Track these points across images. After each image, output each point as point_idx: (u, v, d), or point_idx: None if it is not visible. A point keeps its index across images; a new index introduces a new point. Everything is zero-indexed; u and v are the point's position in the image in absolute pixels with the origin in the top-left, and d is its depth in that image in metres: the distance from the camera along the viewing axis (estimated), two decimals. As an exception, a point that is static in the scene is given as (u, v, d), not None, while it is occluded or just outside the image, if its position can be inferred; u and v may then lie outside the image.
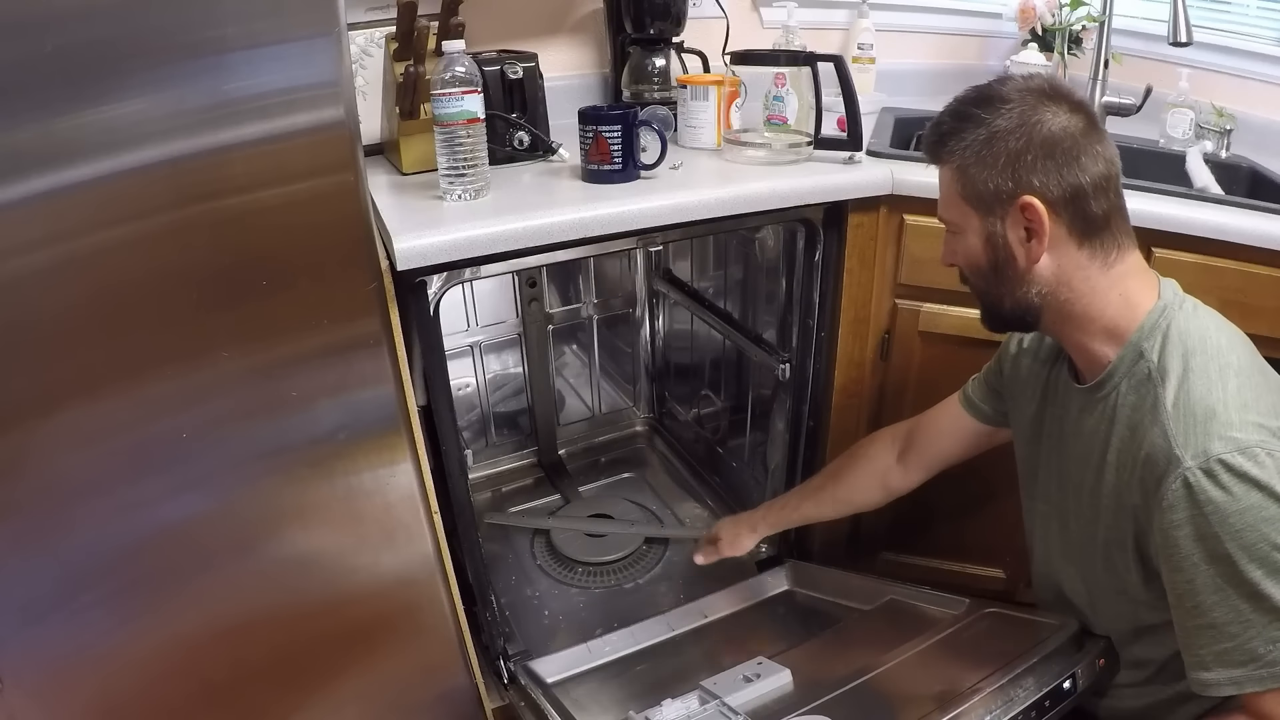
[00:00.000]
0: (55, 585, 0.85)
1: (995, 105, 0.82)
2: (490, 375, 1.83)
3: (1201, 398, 0.77)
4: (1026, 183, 0.81)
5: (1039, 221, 0.81)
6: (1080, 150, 0.80)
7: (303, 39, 0.81)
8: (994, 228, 0.85)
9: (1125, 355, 0.84)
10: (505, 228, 1.03)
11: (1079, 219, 0.82)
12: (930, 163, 0.90)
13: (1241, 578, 0.74)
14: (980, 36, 1.93)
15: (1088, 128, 0.81)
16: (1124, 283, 0.84)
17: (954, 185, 0.87)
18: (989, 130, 0.82)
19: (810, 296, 1.34)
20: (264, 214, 0.85)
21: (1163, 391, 0.79)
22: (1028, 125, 0.81)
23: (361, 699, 1.13)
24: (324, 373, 0.94)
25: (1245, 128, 1.51)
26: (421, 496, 1.07)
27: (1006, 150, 0.81)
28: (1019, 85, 0.83)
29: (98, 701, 0.91)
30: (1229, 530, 0.74)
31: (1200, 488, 0.74)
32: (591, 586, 1.54)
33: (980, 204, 0.85)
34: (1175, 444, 0.77)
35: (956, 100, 0.88)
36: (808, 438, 1.45)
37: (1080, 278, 0.84)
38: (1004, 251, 0.85)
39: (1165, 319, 0.83)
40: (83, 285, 0.78)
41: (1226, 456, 0.74)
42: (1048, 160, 0.80)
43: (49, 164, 0.73)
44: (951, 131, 0.85)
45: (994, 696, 0.88)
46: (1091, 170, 0.80)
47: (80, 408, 0.81)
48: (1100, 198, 0.81)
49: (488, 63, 1.26)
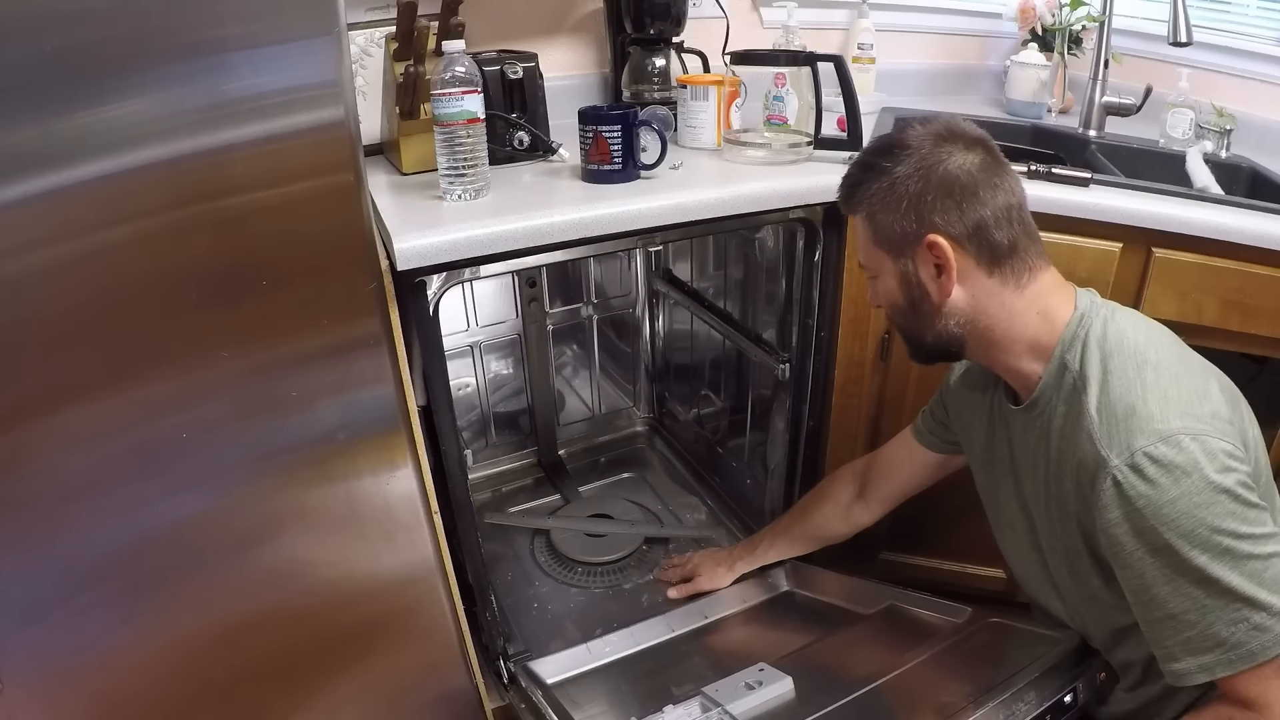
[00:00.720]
0: (55, 585, 0.85)
1: (895, 153, 0.87)
2: (490, 375, 1.82)
3: (1121, 396, 0.80)
4: (929, 222, 0.85)
5: (945, 257, 0.86)
6: (978, 185, 0.85)
7: (303, 39, 0.81)
8: (906, 268, 0.89)
9: (1052, 369, 0.87)
10: (505, 228, 1.03)
11: (985, 249, 0.86)
12: (845, 213, 0.96)
13: (1187, 565, 0.75)
14: (980, 36, 1.93)
15: (985, 163, 0.86)
16: (1040, 301, 0.88)
17: (866, 232, 0.92)
18: (890, 178, 0.87)
19: (810, 296, 1.34)
20: (264, 214, 0.85)
21: (1086, 398, 0.82)
22: (925, 168, 0.85)
23: (361, 699, 1.13)
24: (324, 373, 0.94)
25: (1245, 128, 1.51)
26: (421, 496, 1.07)
27: (908, 194, 0.86)
28: (917, 132, 0.88)
29: (98, 701, 0.91)
30: (1164, 521, 0.75)
31: (1129, 484, 0.76)
32: (591, 586, 1.54)
33: (891, 247, 0.89)
34: (1101, 445, 0.79)
35: (863, 152, 0.94)
36: (808, 438, 1.45)
37: (995, 304, 0.88)
38: (918, 289, 0.89)
39: (1083, 327, 0.86)
40: (83, 285, 0.78)
41: (1150, 449, 0.75)
42: (947, 199, 0.85)
43: (49, 164, 0.73)
44: (858, 182, 0.91)
45: (997, 710, 0.88)
46: (992, 203, 0.85)
47: (80, 407, 0.81)
48: (1004, 227, 0.85)
49: (488, 63, 1.26)
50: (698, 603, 1.42)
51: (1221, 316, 1.18)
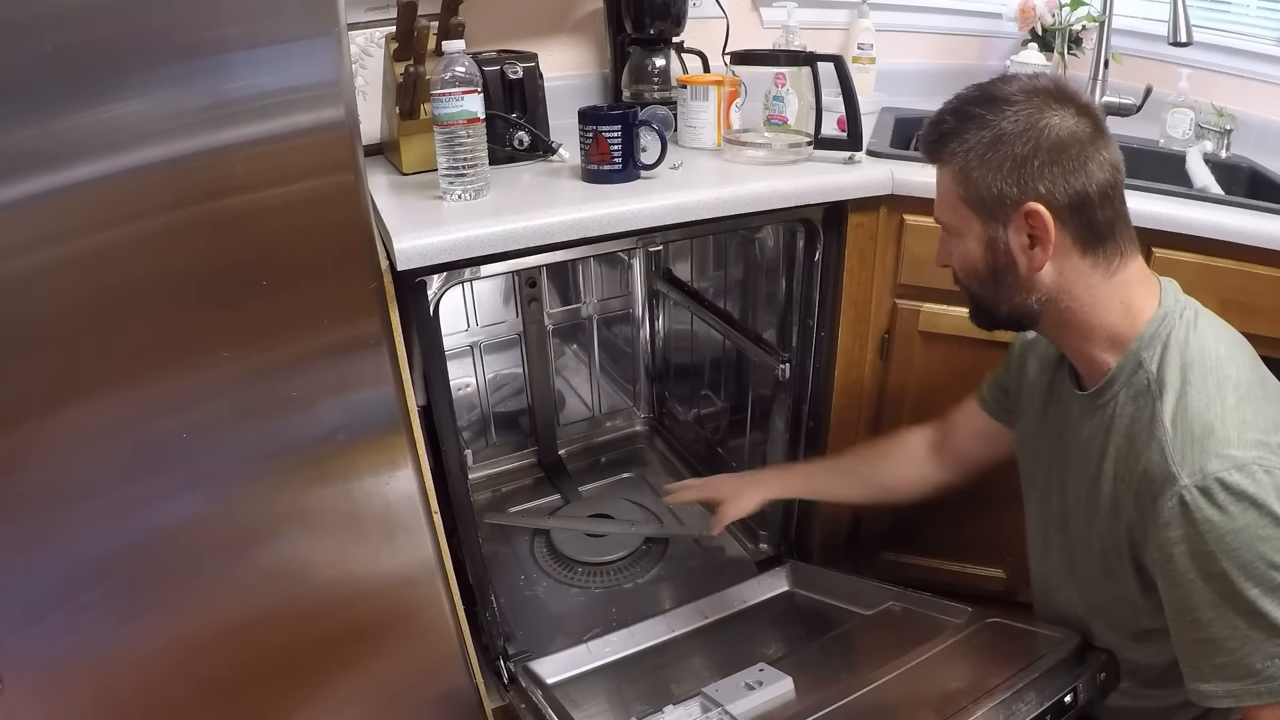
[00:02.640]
0: (56, 585, 0.85)
1: (1000, 106, 0.80)
2: (490, 375, 1.83)
3: (1199, 413, 0.76)
4: (1032, 189, 0.79)
5: (1044, 229, 0.79)
6: (1087, 156, 0.78)
7: (303, 39, 0.81)
8: (995, 233, 0.83)
9: (1125, 364, 0.83)
10: (505, 228, 1.03)
11: (1084, 227, 0.80)
12: (928, 162, 0.88)
13: (1238, 595, 0.74)
14: (980, 36, 1.93)
15: (1094, 132, 0.79)
16: (1126, 290, 0.83)
17: (954, 188, 0.84)
18: (994, 132, 0.79)
19: (810, 296, 1.34)
20: (264, 214, 0.85)
21: (1160, 405, 0.78)
22: (1035, 129, 0.78)
23: (361, 699, 1.13)
24: (324, 373, 0.94)
25: (1245, 128, 1.50)
26: (421, 496, 1.07)
27: (1012, 154, 0.79)
28: (1024, 86, 0.81)
29: (98, 701, 0.91)
30: (1225, 549, 0.73)
31: (1196, 506, 0.73)
32: (591, 586, 1.54)
33: (982, 208, 0.83)
34: (1172, 461, 0.75)
35: (958, 98, 0.84)
36: (808, 438, 1.45)
37: (1082, 286, 0.83)
38: (1005, 258, 0.83)
39: (1165, 328, 0.82)
40: (83, 285, 0.78)
41: (1223, 475, 0.73)
42: (1054, 166, 0.78)
43: (49, 164, 0.73)
44: (953, 131, 0.83)
45: (997, 711, 0.88)
46: (1098, 177, 0.79)
47: (80, 408, 0.81)
48: (1105, 206, 0.80)
49: (488, 63, 1.26)
50: (698, 602, 1.42)
51: (1222, 316, 1.17)
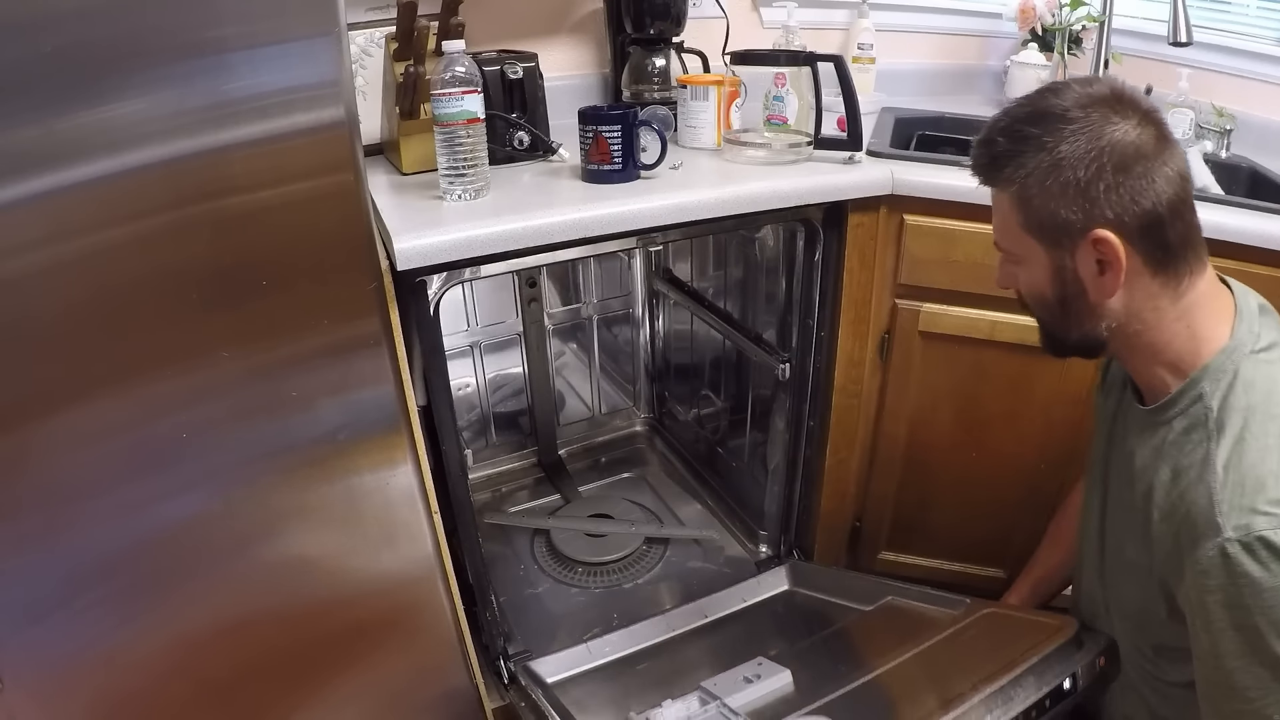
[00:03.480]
0: (56, 585, 0.85)
1: (1056, 124, 0.74)
2: (490, 375, 1.83)
3: (1253, 465, 0.73)
4: (1100, 215, 0.74)
5: (1114, 256, 0.75)
6: (1154, 172, 0.73)
7: (303, 39, 0.81)
8: (1062, 261, 0.78)
9: (1186, 391, 0.80)
10: (505, 228, 1.03)
11: (1156, 248, 0.75)
12: (982, 183, 0.83)
13: (1267, 649, 0.72)
14: (980, 36, 1.93)
15: (1159, 142, 0.74)
16: (1192, 314, 0.79)
17: (1013, 215, 0.79)
18: (1053, 157, 0.74)
19: (810, 296, 1.34)
20: (264, 214, 0.85)
21: (1214, 447, 0.75)
22: (1096, 148, 0.73)
23: (361, 698, 1.13)
24: (324, 373, 0.94)
25: (1245, 128, 1.50)
26: (421, 496, 1.07)
27: (1075, 179, 0.73)
28: (1079, 97, 0.75)
29: (98, 701, 0.91)
30: (1261, 605, 0.71)
31: (1238, 560, 0.71)
32: (591, 586, 1.54)
33: (1045, 236, 0.78)
34: (1219, 510, 0.72)
35: (1009, 115, 0.79)
36: (808, 438, 1.45)
37: (1150, 308, 0.78)
38: (1074, 286, 0.79)
39: (1232, 362, 0.77)
40: (83, 285, 0.78)
41: (1269, 534, 0.70)
42: (1120, 188, 0.73)
43: (49, 164, 0.73)
44: (1007, 155, 0.77)
45: (995, 697, 0.88)
46: (1166, 193, 0.73)
47: (80, 408, 0.81)
48: (1176, 222, 0.75)
49: (488, 63, 1.26)
50: (698, 602, 1.42)
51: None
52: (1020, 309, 0.90)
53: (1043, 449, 1.36)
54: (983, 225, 1.24)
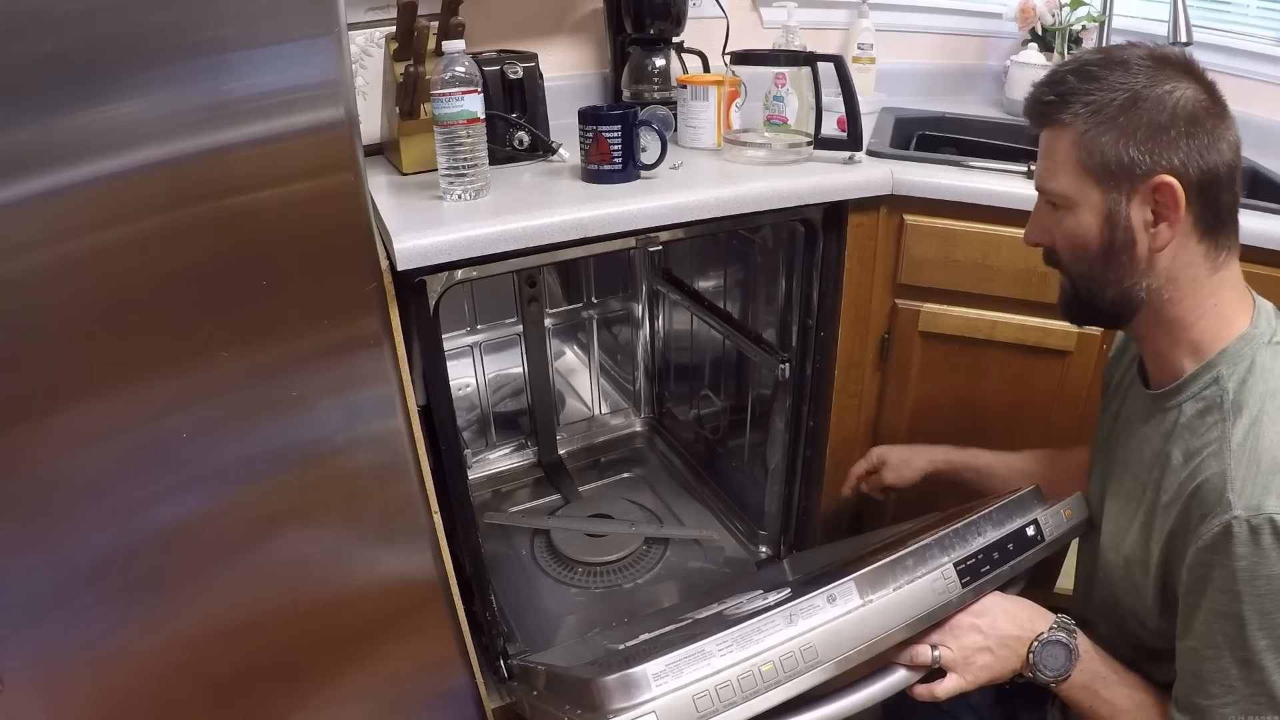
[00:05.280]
0: (56, 585, 0.85)
1: (1132, 70, 0.74)
2: (490, 375, 1.83)
3: (1271, 447, 0.72)
4: (1166, 160, 0.72)
5: (1174, 204, 0.73)
6: (1219, 134, 0.73)
7: (303, 39, 0.81)
8: (1117, 206, 0.76)
9: (1200, 374, 0.79)
10: (505, 228, 1.03)
11: (1208, 209, 0.75)
12: (1040, 127, 0.81)
13: (1244, 642, 0.72)
14: (980, 36, 1.93)
15: (1221, 110, 0.75)
16: (1221, 293, 0.79)
17: (1073, 152, 0.77)
18: (1128, 94, 0.73)
19: (810, 296, 1.34)
20: (264, 214, 0.85)
21: (1231, 427, 0.74)
22: (1172, 99, 0.72)
23: (361, 698, 1.13)
24: (324, 373, 0.94)
25: (1245, 128, 1.49)
26: (421, 496, 1.07)
27: (1148, 119, 0.72)
28: (1152, 51, 0.75)
29: (98, 701, 0.91)
30: (1251, 593, 0.71)
31: (1240, 540, 0.70)
32: (591, 586, 1.54)
33: (1107, 176, 0.75)
34: (1231, 487, 0.72)
35: (1076, 60, 0.78)
36: (808, 438, 1.45)
37: (1188, 277, 0.78)
38: (1124, 235, 0.76)
39: (1251, 349, 0.77)
40: (83, 285, 0.78)
41: (1278, 517, 0.69)
42: (1191, 138, 0.72)
43: (49, 164, 0.73)
44: (1075, 91, 0.76)
45: (950, 538, 0.87)
46: (1227, 156, 0.74)
47: (80, 408, 0.81)
48: (1230, 187, 0.75)
49: (488, 63, 1.26)
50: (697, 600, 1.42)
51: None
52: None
53: (1043, 449, 1.36)
54: (983, 225, 1.25)
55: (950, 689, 0.85)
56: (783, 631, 0.79)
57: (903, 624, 0.82)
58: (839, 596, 0.81)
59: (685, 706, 0.74)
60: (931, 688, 0.85)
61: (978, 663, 0.85)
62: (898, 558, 0.84)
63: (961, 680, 0.85)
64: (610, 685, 0.75)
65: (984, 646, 0.85)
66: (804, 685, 0.78)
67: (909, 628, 0.83)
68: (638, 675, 0.75)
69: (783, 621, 0.79)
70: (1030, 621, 0.86)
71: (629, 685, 0.75)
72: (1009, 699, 1.06)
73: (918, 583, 0.84)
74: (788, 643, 0.78)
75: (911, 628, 0.83)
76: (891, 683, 0.86)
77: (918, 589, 0.83)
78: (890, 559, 0.84)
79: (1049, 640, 0.85)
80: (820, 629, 0.79)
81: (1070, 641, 0.85)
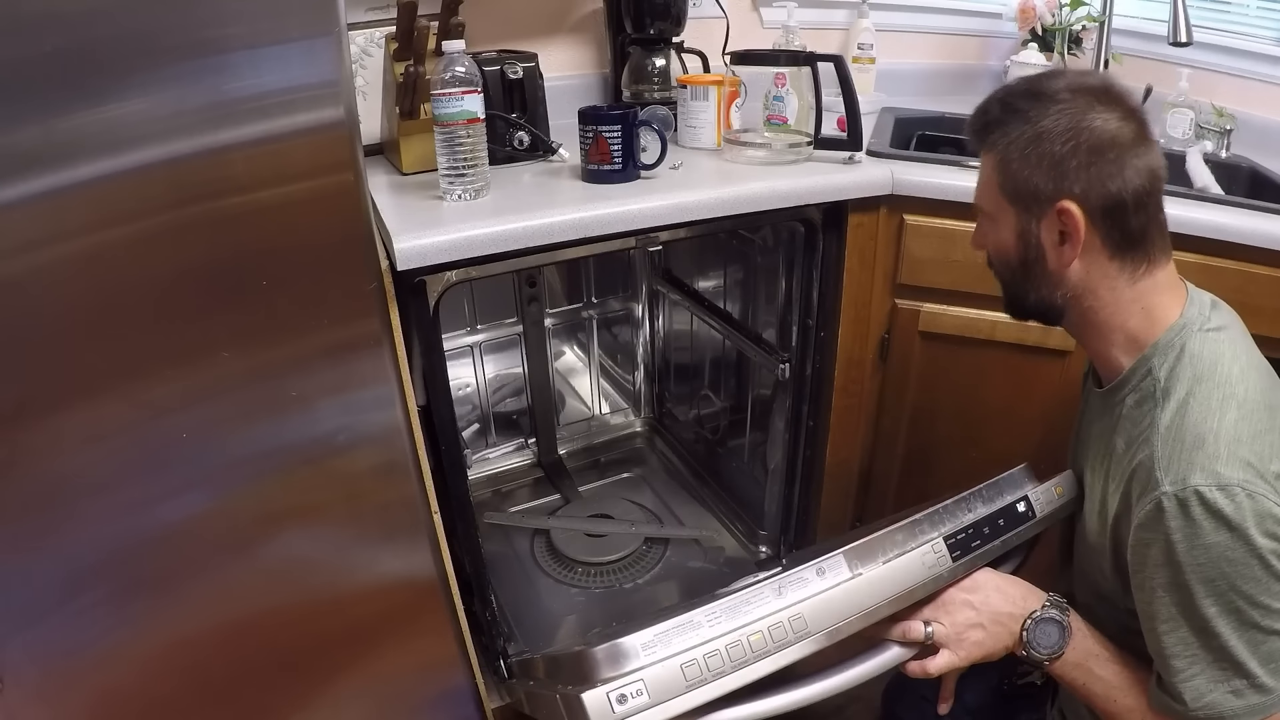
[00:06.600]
0: (56, 585, 0.85)
1: (1045, 102, 0.81)
2: (490, 375, 1.83)
3: (1195, 424, 0.76)
4: (1067, 188, 0.80)
5: (1074, 228, 0.80)
6: (1125, 161, 0.79)
7: (303, 39, 0.81)
8: (1028, 225, 0.84)
9: (1137, 368, 0.84)
10: (505, 228, 1.03)
11: (1115, 231, 0.81)
12: (974, 148, 0.90)
13: (1195, 610, 0.74)
14: (980, 36, 1.93)
15: (1136, 137, 0.80)
16: (1148, 297, 0.83)
17: (994, 175, 0.86)
18: (1035, 128, 0.81)
19: (810, 296, 1.34)
20: (264, 214, 0.85)
21: (1160, 412, 0.79)
22: (1076, 128, 0.79)
23: (362, 698, 1.13)
24: (324, 373, 0.94)
25: (1245, 128, 1.51)
26: (421, 496, 1.07)
27: (1051, 152, 0.80)
28: (1071, 83, 0.82)
29: (98, 701, 0.91)
30: (1191, 562, 0.73)
31: (1172, 514, 0.74)
32: (591, 586, 1.54)
33: (1017, 200, 0.84)
34: (1159, 465, 0.76)
35: (1006, 90, 0.87)
36: (808, 438, 1.45)
37: (1106, 287, 0.83)
38: (1035, 250, 0.84)
39: (1181, 338, 0.81)
40: (83, 285, 0.78)
41: (1203, 489, 0.72)
42: (1091, 168, 0.79)
43: (49, 164, 0.73)
44: (997, 122, 0.85)
45: (941, 514, 0.87)
46: (1134, 183, 0.79)
47: (80, 408, 0.81)
48: (1139, 212, 0.80)
49: (488, 63, 1.26)
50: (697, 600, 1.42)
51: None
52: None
53: (1042, 449, 1.36)
54: (983, 225, 1.25)
55: (942, 665, 0.86)
56: (772, 603, 0.79)
57: (892, 597, 0.83)
58: (828, 569, 0.82)
59: (673, 676, 0.75)
60: (924, 664, 0.86)
61: (970, 639, 0.86)
62: (887, 532, 0.85)
63: (954, 656, 0.86)
64: (599, 655, 0.76)
65: (976, 623, 0.86)
66: (793, 656, 0.78)
67: (898, 600, 0.83)
68: (626, 645, 0.76)
69: (771, 594, 0.80)
70: (1023, 599, 0.87)
71: (617, 655, 0.76)
72: (1009, 700, 1.06)
73: (907, 556, 0.84)
74: (777, 614, 0.78)
75: (901, 600, 0.83)
76: (884, 659, 0.86)
77: (908, 562, 0.84)
78: (880, 533, 0.85)
79: (1042, 618, 0.86)
80: (809, 600, 0.80)
81: (1063, 619, 0.86)
